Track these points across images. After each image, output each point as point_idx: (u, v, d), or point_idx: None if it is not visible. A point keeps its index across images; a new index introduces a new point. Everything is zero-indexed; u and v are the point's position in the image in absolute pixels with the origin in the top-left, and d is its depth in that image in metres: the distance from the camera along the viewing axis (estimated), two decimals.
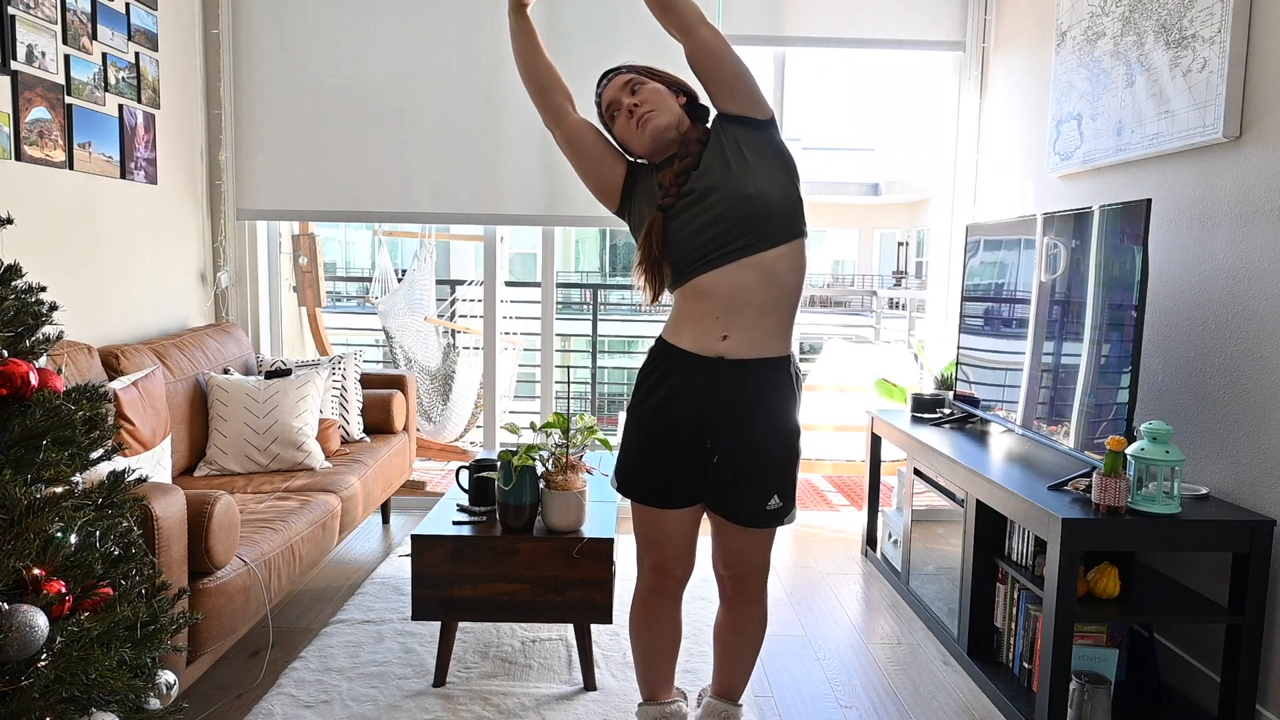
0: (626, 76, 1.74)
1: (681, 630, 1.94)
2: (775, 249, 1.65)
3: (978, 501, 2.41)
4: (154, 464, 2.51)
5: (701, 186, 1.66)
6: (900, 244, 24.69)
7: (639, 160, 1.81)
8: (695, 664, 2.44)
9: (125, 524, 1.43)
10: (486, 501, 2.40)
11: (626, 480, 1.80)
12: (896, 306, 17.94)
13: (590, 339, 6.63)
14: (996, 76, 3.56)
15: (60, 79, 2.63)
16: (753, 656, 1.93)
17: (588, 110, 1.99)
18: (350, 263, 22.29)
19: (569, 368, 7.53)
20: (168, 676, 1.46)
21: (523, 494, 2.23)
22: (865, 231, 25.00)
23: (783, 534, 3.70)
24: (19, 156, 2.46)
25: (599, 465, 2.89)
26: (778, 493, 1.74)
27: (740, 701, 1.98)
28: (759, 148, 1.68)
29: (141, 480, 1.48)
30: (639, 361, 2.13)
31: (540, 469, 2.30)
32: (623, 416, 2.02)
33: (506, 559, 2.23)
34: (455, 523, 2.32)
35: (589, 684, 2.30)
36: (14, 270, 1.36)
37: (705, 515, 1.84)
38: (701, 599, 2.90)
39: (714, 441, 1.72)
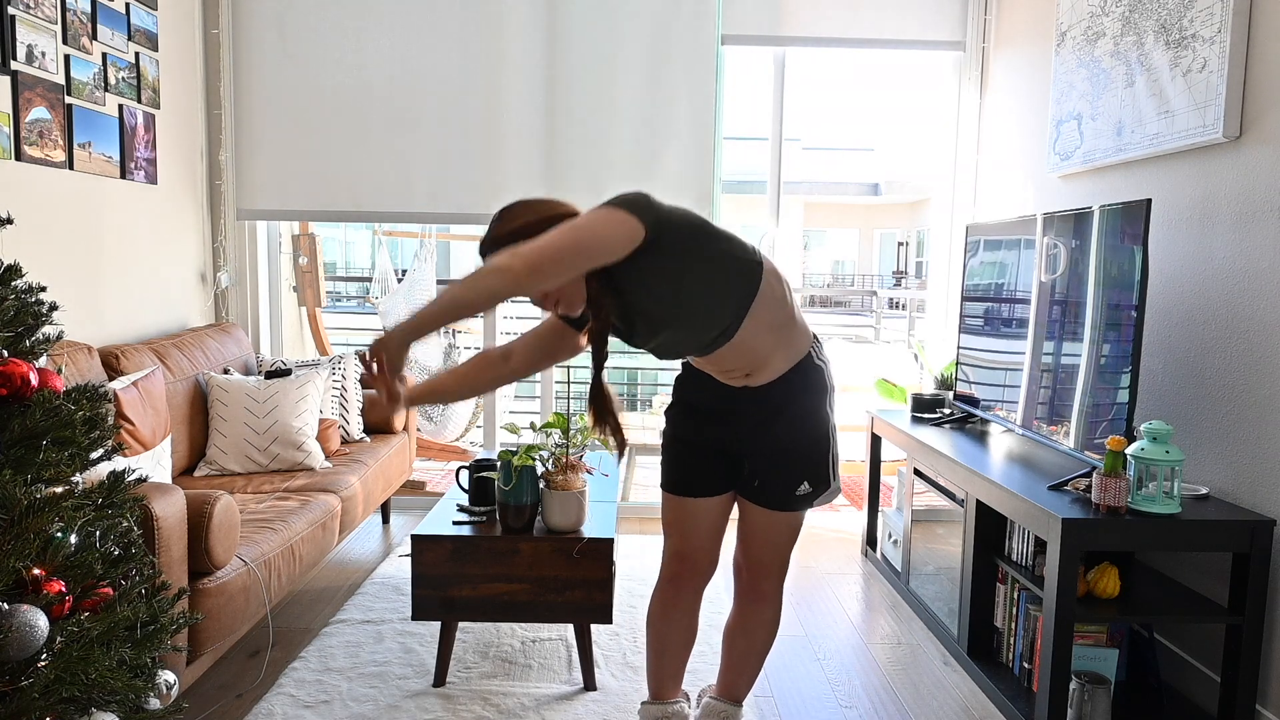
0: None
1: (697, 628, 1.94)
2: (746, 323, 1.62)
3: (978, 501, 2.41)
4: (154, 464, 2.51)
5: (646, 332, 1.63)
6: (900, 244, 24.70)
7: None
8: (695, 664, 2.44)
9: (125, 524, 1.44)
10: (486, 501, 2.40)
11: (662, 473, 1.88)
12: (896, 306, 17.95)
13: None
14: (996, 76, 3.56)
15: (60, 79, 2.63)
16: (760, 660, 1.93)
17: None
18: (350, 263, 22.28)
19: (569, 368, 7.50)
20: (168, 676, 1.46)
21: (523, 494, 2.23)
22: (865, 231, 25.00)
23: None
24: (19, 156, 2.46)
25: (599, 465, 2.89)
26: (807, 479, 1.76)
27: (741, 703, 1.98)
28: (663, 270, 1.54)
29: (141, 480, 1.48)
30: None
31: (540, 469, 2.30)
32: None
33: (506, 559, 2.23)
34: (455, 523, 2.32)
35: (589, 684, 2.30)
36: (14, 270, 1.36)
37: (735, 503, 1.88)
38: (706, 599, 2.89)
39: (749, 459, 1.77)
